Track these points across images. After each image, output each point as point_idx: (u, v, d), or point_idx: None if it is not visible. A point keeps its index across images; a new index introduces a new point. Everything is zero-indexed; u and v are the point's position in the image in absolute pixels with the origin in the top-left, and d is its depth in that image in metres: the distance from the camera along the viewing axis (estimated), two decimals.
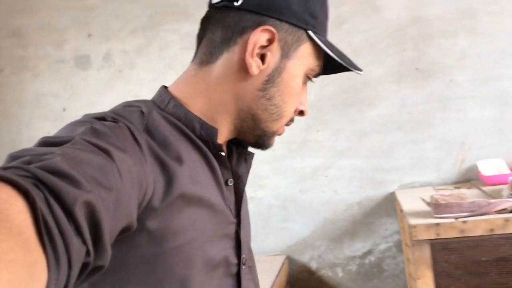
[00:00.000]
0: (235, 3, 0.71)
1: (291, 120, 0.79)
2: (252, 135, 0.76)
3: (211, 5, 0.74)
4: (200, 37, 0.76)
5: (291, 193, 2.27)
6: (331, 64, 0.76)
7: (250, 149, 0.81)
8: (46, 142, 0.53)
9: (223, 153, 0.73)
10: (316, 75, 0.79)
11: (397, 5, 2.16)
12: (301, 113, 0.79)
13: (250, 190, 2.28)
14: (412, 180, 2.17)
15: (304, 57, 0.73)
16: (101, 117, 0.61)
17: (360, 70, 0.77)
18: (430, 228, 1.54)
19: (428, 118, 2.15)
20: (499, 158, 2.05)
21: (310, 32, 0.73)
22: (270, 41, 0.71)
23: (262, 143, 0.77)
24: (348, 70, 0.76)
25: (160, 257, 0.62)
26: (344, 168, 2.22)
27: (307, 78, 0.76)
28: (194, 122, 0.71)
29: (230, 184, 0.76)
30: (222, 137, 0.75)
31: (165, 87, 0.76)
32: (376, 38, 2.18)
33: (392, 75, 2.17)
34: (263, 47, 0.71)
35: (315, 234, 2.26)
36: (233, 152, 0.80)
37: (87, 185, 0.46)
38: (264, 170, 2.28)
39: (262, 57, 0.72)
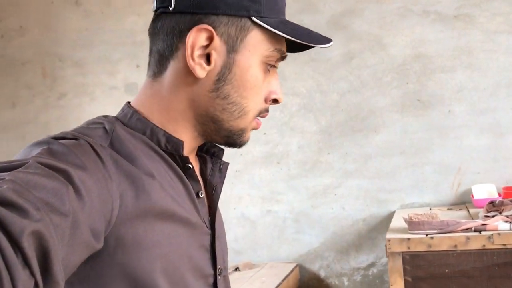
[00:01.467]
0: (170, 8, 0.69)
1: (266, 111, 0.75)
2: (219, 137, 0.74)
3: (153, 13, 0.74)
4: (150, 48, 0.74)
5: (303, 208, 2.55)
6: (295, 42, 0.72)
7: (226, 155, 0.81)
8: (0, 168, 0.51)
9: (190, 165, 0.72)
10: (281, 58, 0.74)
11: (401, 43, 2.41)
12: (275, 101, 0.75)
13: (268, 204, 2.59)
14: (412, 201, 2.39)
15: (254, 46, 0.69)
16: (60, 137, 0.60)
17: (326, 42, 0.72)
18: (403, 242, 1.78)
19: (427, 145, 2.37)
20: (492, 183, 2.23)
21: (254, 18, 0.68)
22: (210, 39, 0.68)
23: (233, 142, 0.74)
24: (312, 46, 0.72)
25: (140, 273, 0.62)
26: (352, 188, 2.48)
27: (268, 65, 0.72)
28: (159, 135, 0.70)
29: (201, 196, 0.74)
30: (188, 147, 0.73)
31: (129, 103, 0.75)
32: (382, 72, 2.43)
33: (396, 105, 2.41)
34: (204, 46, 0.68)
35: (324, 245, 2.52)
36: (208, 163, 0.79)
37: (35, 213, 0.45)
38: (280, 187, 2.58)
39: (209, 57, 0.69)
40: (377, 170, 2.44)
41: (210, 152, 0.80)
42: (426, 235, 1.78)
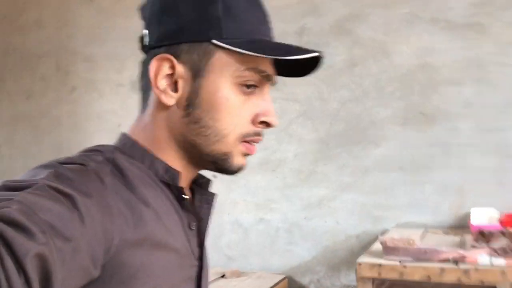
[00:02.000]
0: (146, 44, 0.73)
1: (256, 135, 0.73)
2: (206, 162, 0.74)
3: None
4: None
5: (297, 219, 2.46)
6: (296, 64, 0.72)
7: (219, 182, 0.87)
8: (8, 186, 0.53)
9: (185, 196, 0.73)
10: (265, 78, 0.72)
11: (407, 51, 2.26)
12: (266, 124, 0.73)
13: (262, 212, 2.52)
14: (409, 220, 2.25)
15: (220, 68, 0.70)
16: (66, 162, 0.62)
17: (304, 53, 0.69)
18: (374, 268, 1.66)
19: (429, 162, 2.22)
20: (494, 208, 2.06)
21: (215, 41, 0.69)
22: (173, 68, 0.70)
23: (222, 168, 0.74)
24: (292, 59, 0.70)
25: None
26: (347, 201, 2.36)
27: (245, 86, 0.71)
28: (157, 165, 0.71)
29: (193, 228, 0.75)
30: (183, 178, 0.74)
31: (125, 133, 0.76)
32: (385, 81, 2.29)
33: (398, 117, 2.27)
34: (170, 75, 0.70)
35: (316, 259, 2.42)
36: (196, 194, 0.79)
37: (41, 236, 0.47)
38: (275, 195, 2.49)
39: (177, 85, 0.71)
40: (374, 185, 2.31)
41: (198, 183, 0.80)
42: (400, 261, 1.65)
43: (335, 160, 2.38)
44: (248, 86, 0.71)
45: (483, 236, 1.76)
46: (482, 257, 1.59)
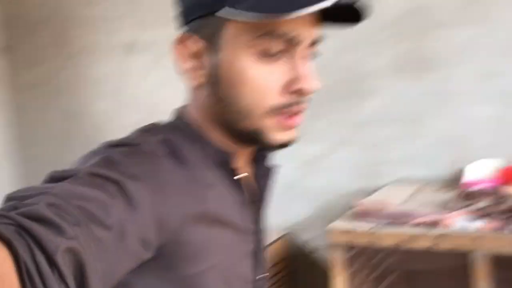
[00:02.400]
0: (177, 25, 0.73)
1: (290, 106, 0.66)
2: (245, 140, 0.71)
3: None
4: None
5: (294, 177, 2.37)
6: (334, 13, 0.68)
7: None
8: (53, 177, 0.54)
9: (239, 176, 0.71)
10: (289, 41, 0.65)
11: None
12: (302, 91, 0.66)
13: None
14: (405, 175, 2.12)
15: (233, 39, 0.65)
16: (119, 144, 0.62)
17: (314, 3, 0.60)
18: (344, 233, 1.58)
19: (424, 113, 2.06)
20: (495, 160, 1.89)
21: (220, 13, 0.64)
22: (192, 46, 0.68)
23: (262, 143, 0.69)
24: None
25: (195, 278, 0.63)
26: (340, 159, 2.25)
27: (267, 54, 0.65)
28: (209, 145, 0.70)
29: (250, 204, 0.74)
30: (238, 156, 0.72)
31: (178, 110, 0.75)
32: (373, 29, 2.11)
33: (389, 68, 2.10)
34: (192, 54, 0.68)
35: (313, 217, 2.35)
36: (256, 169, 0.77)
37: (70, 230, 0.46)
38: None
39: (199, 64, 0.69)
40: (367, 140, 2.18)
41: (258, 156, 0.77)
42: (372, 227, 1.56)
43: (326, 116, 2.26)
44: (272, 54, 0.65)
45: (467, 195, 1.62)
46: (459, 220, 1.46)
